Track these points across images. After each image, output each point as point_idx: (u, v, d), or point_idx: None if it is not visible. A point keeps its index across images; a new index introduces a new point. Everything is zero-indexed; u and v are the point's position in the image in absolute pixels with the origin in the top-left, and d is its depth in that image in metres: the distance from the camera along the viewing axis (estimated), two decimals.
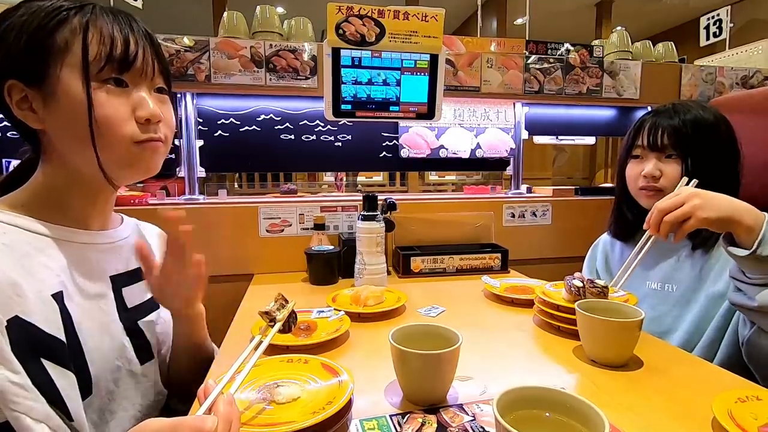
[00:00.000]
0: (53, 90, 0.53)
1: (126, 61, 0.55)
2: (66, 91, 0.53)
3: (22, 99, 0.54)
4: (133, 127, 0.57)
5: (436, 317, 0.93)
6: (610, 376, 0.66)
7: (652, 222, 0.77)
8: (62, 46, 0.53)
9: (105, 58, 0.54)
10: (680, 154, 0.91)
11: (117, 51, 0.54)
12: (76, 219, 0.60)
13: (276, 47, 1.36)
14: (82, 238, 0.60)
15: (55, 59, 0.53)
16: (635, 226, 1.04)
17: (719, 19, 2.14)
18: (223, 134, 1.49)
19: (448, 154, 1.65)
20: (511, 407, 0.43)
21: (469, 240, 1.47)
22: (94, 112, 0.53)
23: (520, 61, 1.56)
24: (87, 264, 0.59)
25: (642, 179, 0.95)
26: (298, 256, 1.25)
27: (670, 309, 0.93)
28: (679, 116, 0.91)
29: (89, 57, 0.53)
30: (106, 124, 0.54)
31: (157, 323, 0.69)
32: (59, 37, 0.53)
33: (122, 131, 0.56)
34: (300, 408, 0.51)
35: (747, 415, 0.50)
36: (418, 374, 0.57)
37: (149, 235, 0.77)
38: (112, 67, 0.55)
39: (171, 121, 0.63)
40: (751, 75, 1.78)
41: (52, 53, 0.53)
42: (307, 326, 0.82)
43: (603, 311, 0.70)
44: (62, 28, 0.53)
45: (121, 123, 0.56)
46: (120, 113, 0.55)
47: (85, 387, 0.53)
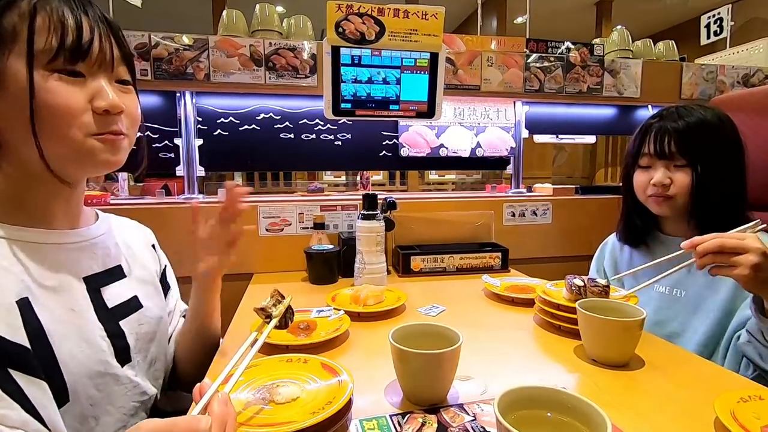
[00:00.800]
0: (2, 80, 0.49)
1: (79, 50, 0.51)
2: (13, 80, 0.49)
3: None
4: (88, 118, 0.53)
5: (437, 316, 0.93)
6: (611, 375, 0.66)
7: (701, 250, 0.70)
8: (9, 33, 0.49)
9: (56, 47, 0.50)
10: (690, 162, 0.89)
11: (68, 39, 0.50)
12: (39, 218, 0.57)
13: (275, 46, 1.36)
14: (48, 238, 0.57)
15: (3, 46, 0.49)
16: (644, 232, 1.03)
17: (720, 17, 2.13)
18: (222, 133, 1.49)
19: (448, 153, 1.65)
20: (512, 407, 0.42)
21: (469, 239, 1.46)
22: (39, 102, 0.49)
23: (520, 60, 1.55)
24: (55, 266, 0.56)
25: (651, 187, 0.93)
26: (297, 256, 1.25)
27: (676, 314, 0.92)
28: (683, 120, 0.90)
29: (39, 46, 0.49)
30: (55, 115, 0.50)
31: (141, 322, 0.66)
32: (6, 22, 0.49)
33: (75, 122, 0.52)
34: (299, 408, 0.51)
35: (750, 415, 0.50)
36: (418, 374, 0.57)
37: (127, 229, 0.74)
38: (64, 57, 0.51)
39: (134, 114, 0.59)
40: (752, 73, 1.78)
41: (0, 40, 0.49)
42: (306, 326, 0.81)
43: (604, 310, 0.70)
44: (9, 12, 0.50)
45: (73, 113, 0.52)
46: (72, 103, 0.51)
47: (61, 394, 0.51)
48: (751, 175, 1.13)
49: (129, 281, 0.67)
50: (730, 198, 0.90)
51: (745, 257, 0.67)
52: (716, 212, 0.89)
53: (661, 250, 1.00)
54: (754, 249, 0.67)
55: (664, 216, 0.98)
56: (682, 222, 0.95)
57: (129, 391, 0.61)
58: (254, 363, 0.61)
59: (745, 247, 0.67)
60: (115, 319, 0.61)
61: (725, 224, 0.88)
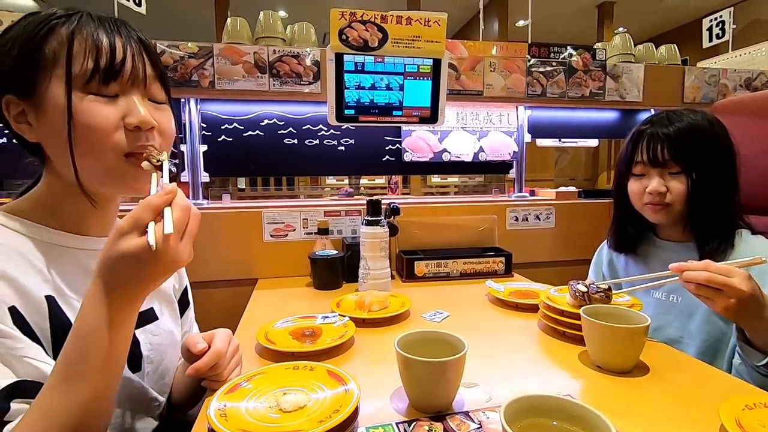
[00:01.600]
0: (43, 102, 0.53)
1: (112, 71, 0.54)
2: (53, 103, 0.52)
3: (19, 113, 0.55)
4: (120, 135, 0.54)
5: (441, 322, 0.93)
6: (615, 382, 0.66)
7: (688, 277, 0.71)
8: (50, 58, 0.52)
9: (91, 69, 0.53)
10: (684, 169, 0.89)
11: (102, 61, 0.53)
12: (74, 226, 0.60)
13: (279, 53, 1.37)
14: (80, 243, 0.60)
15: (44, 72, 0.52)
16: (636, 239, 1.03)
17: (722, 20, 2.13)
18: (226, 139, 1.50)
19: (451, 158, 1.65)
20: (518, 416, 0.43)
21: (472, 244, 1.47)
22: (75, 122, 0.52)
23: (522, 65, 1.56)
24: (84, 270, 0.59)
25: (647, 196, 0.93)
26: (302, 261, 1.25)
27: (672, 320, 0.93)
28: (674, 125, 0.90)
29: (76, 68, 0.52)
30: (89, 134, 0.53)
31: (156, 333, 0.68)
32: (47, 48, 0.52)
33: (108, 141, 0.54)
34: (307, 416, 0.51)
35: (755, 423, 0.50)
36: (424, 381, 0.57)
37: None
38: (98, 78, 0.53)
39: (168, 131, 0.60)
40: (754, 77, 1.77)
41: (41, 66, 0.52)
42: (312, 332, 0.82)
43: (608, 317, 0.70)
44: (50, 39, 0.53)
45: (107, 132, 0.54)
46: (106, 122, 0.54)
47: None
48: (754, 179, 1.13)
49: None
50: (725, 203, 0.90)
51: (725, 299, 0.68)
52: (712, 218, 0.90)
53: (657, 254, 1.00)
54: (738, 291, 0.67)
55: (661, 223, 0.98)
56: (677, 227, 0.96)
57: (139, 396, 0.63)
58: (261, 371, 0.61)
59: (730, 286, 0.67)
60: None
61: (720, 229, 0.89)
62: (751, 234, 0.91)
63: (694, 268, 0.71)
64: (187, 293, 0.82)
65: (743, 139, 1.18)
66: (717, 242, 0.89)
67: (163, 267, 0.47)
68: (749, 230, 0.92)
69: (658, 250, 1.00)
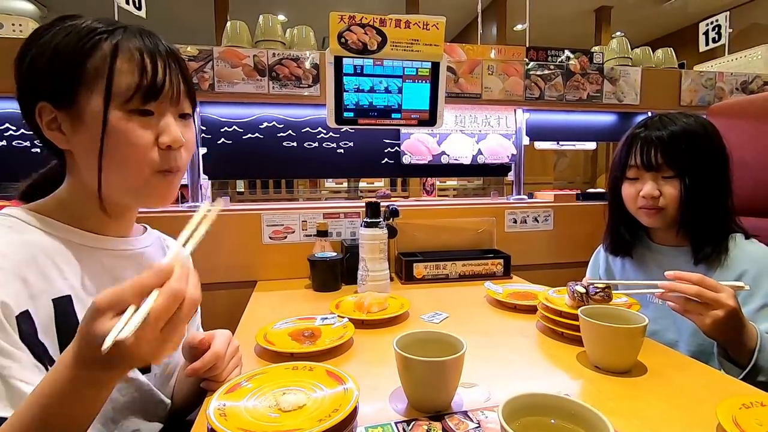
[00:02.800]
0: (82, 115, 0.54)
1: (153, 91, 0.55)
2: (93, 117, 0.54)
3: (51, 120, 0.56)
4: (154, 154, 0.57)
5: (440, 323, 0.94)
6: (614, 382, 0.66)
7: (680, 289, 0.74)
8: (93, 74, 0.54)
9: (134, 89, 0.54)
10: (678, 174, 0.90)
11: (145, 81, 0.55)
12: (94, 228, 0.61)
13: (279, 56, 1.38)
14: (100, 243, 0.61)
15: (87, 86, 0.54)
16: (632, 242, 1.04)
17: (718, 24, 2.15)
18: (226, 142, 1.51)
19: (450, 161, 1.66)
20: (516, 414, 0.43)
21: (471, 246, 1.47)
22: (115, 138, 0.54)
23: (520, 68, 1.57)
24: (102, 269, 0.61)
25: (641, 200, 0.93)
26: (301, 263, 1.26)
27: (669, 324, 0.93)
28: (667, 129, 0.90)
29: (119, 86, 0.54)
30: (126, 152, 0.55)
31: None
32: (90, 64, 0.54)
33: (144, 159, 0.56)
34: (306, 415, 0.51)
35: (752, 422, 0.51)
36: (422, 381, 0.58)
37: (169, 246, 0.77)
38: (139, 97, 0.55)
39: (192, 146, 0.63)
40: (750, 80, 1.79)
41: (84, 80, 0.54)
42: (311, 333, 0.82)
43: (606, 317, 0.70)
44: (94, 54, 0.54)
45: (143, 151, 0.56)
46: (143, 141, 0.56)
47: None
48: (750, 182, 1.14)
49: None
50: (718, 206, 0.91)
51: (714, 311, 0.71)
52: (705, 222, 0.90)
53: (654, 259, 1.01)
54: (725, 305, 0.71)
55: (655, 227, 0.99)
56: (671, 231, 0.96)
57: (147, 398, 0.63)
58: (261, 371, 0.61)
59: (718, 300, 0.71)
60: None
61: (714, 233, 0.89)
62: (745, 238, 0.92)
63: (688, 279, 0.74)
64: None
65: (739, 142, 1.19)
66: (711, 247, 0.90)
67: (133, 362, 0.42)
68: (743, 234, 0.92)
69: (654, 255, 1.01)
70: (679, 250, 0.96)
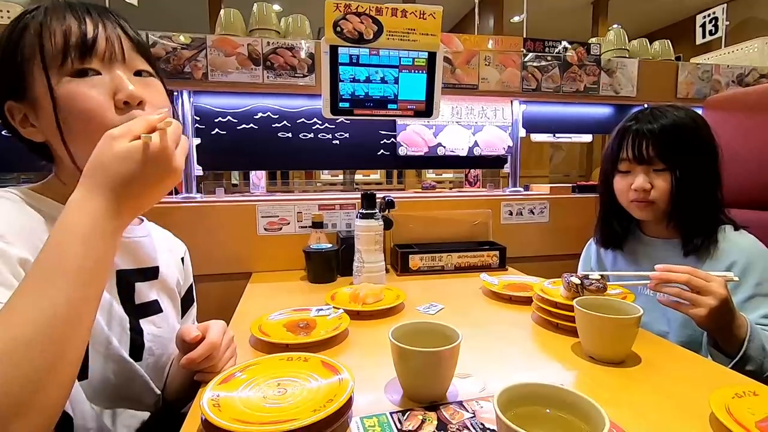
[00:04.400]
0: (35, 99, 0.54)
1: (85, 46, 0.53)
2: (39, 92, 0.53)
3: (23, 118, 0.55)
4: (112, 115, 0.53)
5: (435, 315, 0.94)
6: (608, 372, 0.67)
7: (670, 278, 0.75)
8: (28, 53, 0.53)
9: (62, 50, 0.52)
10: (668, 167, 0.90)
11: (72, 39, 0.53)
12: None
13: (273, 45, 1.36)
14: None
15: (26, 67, 0.53)
16: (623, 235, 1.05)
17: (715, 17, 2.15)
18: (220, 132, 1.49)
19: (446, 152, 1.65)
20: (511, 404, 0.43)
21: (467, 238, 1.47)
22: (67, 108, 0.52)
23: (517, 59, 1.56)
24: None
25: (632, 192, 0.94)
26: (296, 255, 1.25)
27: (659, 316, 0.94)
28: (658, 122, 0.91)
29: (48, 51, 0.52)
30: (80, 118, 0.53)
31: (159, 326, 0.68)
32: (24, 44, 0.53)
33: (103, 122, 0.52)
34: (301, 406, 0.51)
35: (744, 411, 0.51)
36: (418, 372, 0.57)
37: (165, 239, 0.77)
38: (72, 57, 0.52)
39: (159, 103, 0.58)
40: (746, 73, 1.79)
41: (23, 62, 0.53)
42: (306, 324, 0.82)
43: (601, 308, 0.70)
44: (25, 35, 0.54)
45: (100, 112, 0.53)
46: (96, 103, 0.53)
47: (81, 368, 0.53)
48: (745, 174, 1.14)
49: (156, 285, 0.69)
50: (708, 199, 0.91)
51: (705, 299, 0.72)
52: (695, 214, 0.91)
53: (644, 251, 1.01)
54: (717, 294, 0.71)
55: (646, 220, 0.99)
56: (661, 224, 0.97)
57: (139, 385, 0.63)
58: (256, 362, 0.61)
59: (709, 289, 0.72)
60: (138, 316, 0.64)
61: (703, 225, 0.90)
62: (734, 230, 0.92)
63: (678, 270, 0.74)
64: (192, 291, 0.83)
65: (735, 135, 1.20)
66: (701, 239, 0.90)
67: (161, 169, 0.46)
68: (732, 226, 0.93)
69: (645, 247, 1.02)
70: (669, 242, 0.97)
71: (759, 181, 1.11)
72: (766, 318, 0.81)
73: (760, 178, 1.11)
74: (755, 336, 0.73)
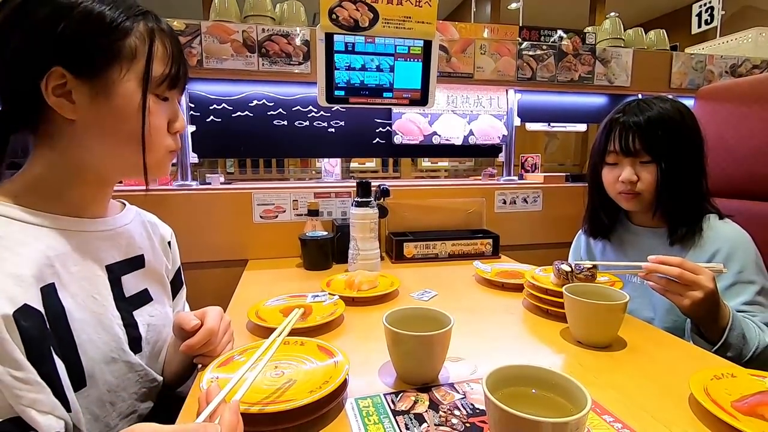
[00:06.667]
0: (109, 90, 0.54)
1: (177, 81, 0.60)
2: (125, 95, 0.54)
3: (59, 86, 0.52)
4: (168, 138, 0.61)
5: (429, 301, 0.96)
6: (595, 356, 0.69)
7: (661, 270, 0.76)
8: (130, 52, 0.54)
9: (164, 76, 0.57)
10: (654, 159, 0.92)
11: (174, 68, 0.58)
12: (75, 208, 0.59)
13: (268, 32, 1.35)
14: (78, 226, 0.59)
15: (121, 63, 0.54)
16: (611, 225, 1.07)
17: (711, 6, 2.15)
18: (215, 120, 1.49)
19: (441, 141, 1.66)
20: (499, 384, 0.45)
21: (461, 226, 1.49)
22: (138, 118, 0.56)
23: (513, 48, 1.56)
24: (83, 253, 0.58)
25: (620, 184, 0.96)
26: (292, 242, 1.26)
27: (647, 303, 0.97)
28: (644, 114, 0.92)
29: (155, 70, 0.56)
30: (153, 134, 0.58)
31: (152, 315, 0.68)
32: (129, 42, 0.54)
33: (163, 141, 0.60)
34: (297, 387, 0.53)
35: (722, 391, 0.53)
36: (411, 355, 0.59)
37: (149, 223, 0.75)
38: (166, 85, 0.58)
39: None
40: (739, 63, 1.80)
41: (120, 56, 0.54)
42: (302, 310, 0.83)
43: (589, 294, 0.72)
44: (132, 33, 0.55)
45: (163, 133, 0.60)
46: (163, 124, 0.60)
47: (78, 378, 0.53)
48: (735, 164, 1.16)
49: (144, 273, 0.69)
50: (693, 190, 0.94)
51: (693, 292, 0.74)
52: (680, 205, 0.93)
53: (631, 241, 1.04)
54: (705, 287, 0.73)
55: (634, 210, 1.01)
56: (648, 214, 0.99)
57: (140, 378, 0.63)
58: (252, 345, 0.63)
59: (697, 282, 0.74)
60: (130, 309, 0.64)
61: (689, 215, 0.93)
62: (719, 218, 0.95)
63: (669, 262, 0.76)
64: (180, 274, 0.83)
65: (725, 125, 1.21)
66: (686, 228, 0.93)
67: None
68: (717, 215, 0.95)
69: (632, 236, 1.04)
70: (655, 231, 0.99)
71: (748, 171, 1.13)
72: (746, 305, 0.83)
73: (749, 168, 1.13)
74: (736, 325, 0.76)
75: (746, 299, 0.84)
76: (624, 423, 0.51)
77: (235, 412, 0.42)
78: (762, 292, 0.85)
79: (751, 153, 1.12)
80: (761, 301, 0.84)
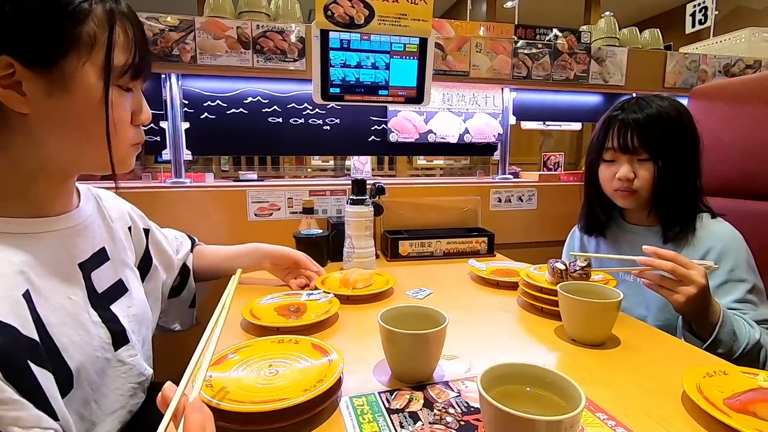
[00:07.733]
0: (66, 81, 0.49)
1: (141, 70, 0.56)
2: (84, 87, 0.50)
3: (6, 75, 0.47)
4: (132, 130, 0.58)
5: (424, 299, 0.96)
6: (589, 354, 0.69)
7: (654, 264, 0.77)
8: (87, 41, 0.50)
9: (127, 66, 0.54)
10: (652, 157, 0.92)
11: (137, 57, 0.54)
12: (38, 207, 0.56)
13: (263, 28, 1.34)
14: (45, 226, 0.55)
15: (78, 52, 0.49)
16: (606, 222, 1.07)
17: (704, 6, 2.16)
18: (209, 116, 1.47)
19: (437, 139, 1.66)
20: (494, 383, 0.45)
21: (456, 224, 1.49)
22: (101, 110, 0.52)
23: (508, 46, 1.56)
24: (52, 254, 0.55)
25: (617, 181, 0.96)
26: (286, 240, 1.25)
27: (641, 300, 0.97)
28: (643, 112, 0.92)
29: (117, 60, 0.52)
30: (116, 127, 0.54)
31: (130, 305, 0.66)
32: (85, 29, 0.49)
33: (127, 134, 0.57)
34: (292, 386, 0.53)
35: (714, 389, 0.54)
36: (406, 353, 0.59)
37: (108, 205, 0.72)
38: (129, 75, 0.55)
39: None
40: (733, 63, 1.81)
41: (76, 45, 0.49)
42: (297, 308, 0.83)
43: (583, 293, 0.73)
44: (89, 18, 0.49)
45: (126, 126, 0.57)
46: (127, 116, 0.57)
47: (66, 383, 0.51)
48: (727, 163, 1.17)
49: (113, 264, 0.66)
50: (688, 188, 0.94)
51: (685, 287, 0.74)
52: (675, 204, 0.94)
53: (625, 238, 1.04)
54: (697, 283, 0.74)
55: (629, 208, 1.02)
56: (643, 212, 1.00)
57: (126, 373, 0.62)
58: (247, 344, 0.62)
59: (690, 278, 0.74)
60: (106, 304, 0.61)
61: (682, 214, 0.93)
62: (711, 217, 0.96)
63: (663, 255, 0.76)
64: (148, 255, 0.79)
65: (719, 124, 1.22)
66: (679, 227, 0.93)
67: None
68: (710, 214, 0.96)
69: (626, 234, 1.04)
70: (650, 229, 0.99)
71: (741, 170, 1.14)
72: (737, 302, 0.84)
73: (742, 167, 1.14)
74: (726, 322, 0.77)
75: (737, 297, 0.85)
76: (618, 420, 0.51)
77: (199, 409, 0.40)
78: (753, 290, 0.86)
79: (744, 152, 1.13)
80: (752, 299, 0.85)
